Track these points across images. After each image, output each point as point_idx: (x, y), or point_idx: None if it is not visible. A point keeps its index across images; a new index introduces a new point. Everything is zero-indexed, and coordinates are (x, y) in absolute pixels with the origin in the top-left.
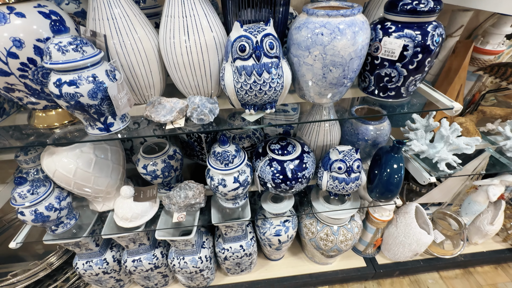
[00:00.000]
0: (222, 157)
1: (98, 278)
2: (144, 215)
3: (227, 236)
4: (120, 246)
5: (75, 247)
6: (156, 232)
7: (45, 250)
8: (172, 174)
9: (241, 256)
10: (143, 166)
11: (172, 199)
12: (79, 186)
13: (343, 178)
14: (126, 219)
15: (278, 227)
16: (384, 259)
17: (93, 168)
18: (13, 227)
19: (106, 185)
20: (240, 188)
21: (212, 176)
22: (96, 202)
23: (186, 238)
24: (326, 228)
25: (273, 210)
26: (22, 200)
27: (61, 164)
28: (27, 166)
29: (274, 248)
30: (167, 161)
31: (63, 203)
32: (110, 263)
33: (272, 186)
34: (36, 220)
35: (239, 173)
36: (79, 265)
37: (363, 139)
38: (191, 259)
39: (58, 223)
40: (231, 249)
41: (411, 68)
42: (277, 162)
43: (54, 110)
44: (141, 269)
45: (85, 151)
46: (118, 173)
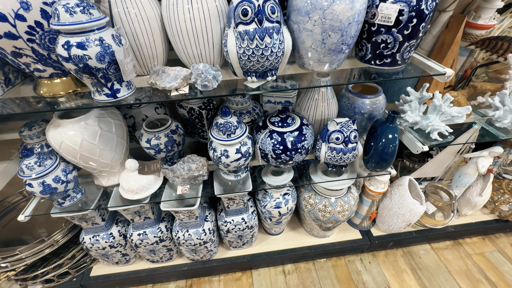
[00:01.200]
0: (225, 128)
1: (104, 252)
2: (149, 188)
3: (229, 209)
4: (125, 222)
5: (81, 221)
6: (161, 204)
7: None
8: (175, 149)
9: (243, 229)
10: (146, 140)
11: (175, 172)
12: (85, 159)
13: (341, 148)
14: (132, 191)
15: (278, 200)
16: (379, 231)
17: (98, 141)
18: (17, 209)
19: (111, 159)
20: (242, 159)
21: (215, 148)
22: (101, 177)
23: (190, 208)
24: (324, 200)
25: (273, 182)
26: (29, 172)
27: (67, 136)
28: (31, 142)
29: (275, 221)
30: (169, 135)
31: (69, 176)
32: (116, 237)
33: (272, 157)
34: (44, 191)
35: (241, 144)
36: (86, 239)
37: (359, 113)
38: (195, 231)
39: (65, 196)
40: (233, 221)
41: (406, 34)
42: (277, 134)
43: (60, 78)
44: (147, 242)
45: (90, 124)
46: (122, 147)
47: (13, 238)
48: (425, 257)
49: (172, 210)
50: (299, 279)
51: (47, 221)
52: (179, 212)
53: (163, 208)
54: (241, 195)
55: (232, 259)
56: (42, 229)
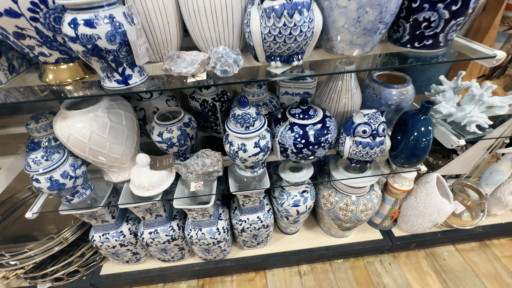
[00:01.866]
0: (243, 120)
1: (115, 250)
2: (161, 184)
3: (244, 207)
4: (136, 219)
5: (91, 219)
6: (174, 201)
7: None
8: (188, 143)
9: (258, 228)
10: (158, 134)
11: (189, 167)
12: (94, 153)
13: (368, 143)
14: (143, 188)
15: (296, 198)
16: (400, 232)
17: (108, 134)
18: (26, 205)
19: (121, 153)
20: (261, 153)
21: (231, 141)
22: (111, 173)
23: (204, 206)
24: (346, 198)
25: (292, 179)
26: (36, 166)
27: (76, 128)
28: (38, 135)
29: (292, 220)
30: (182, 128)
31: (78, 171)
32: (127, 235)
33: (293, 152)
34: (52, 187)
35: (259, 138)
36: (95, 237)
37: (386, 104)
38: (208, 230)
39: (73, 192)
40: (249, 220)
41: (454, 9)
42: (298, 127)
43: (67, 64)
44: (158, 241)
45: (100, 115)
46: (133, 141)
47: (23, 234)
48: (450, 259)
49: (186, 208)
50: (316, 281)
51: (56, 217)
52: (192, 210)
53: (176, 206)
54: (258, 193)
55: (246, 259)
56: (52, 225)
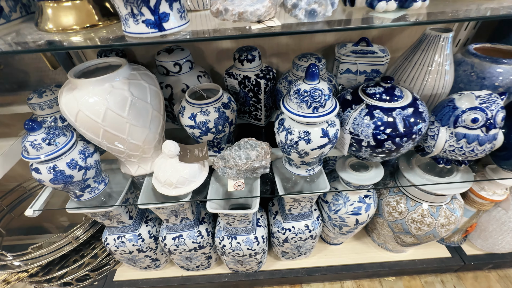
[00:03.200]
0: (311, 98)
1: (131, 256)
2: (192, 181)
3: (290, 213)
4: (156, 220)
5: (104, 219)
6: (207, 204)
7: (71, 222)
8: (225, 129)
9: (305, 238)
10: (190, 116)
11: (228, 161)
12: (109, 138)
13: (477, 136)
14: (170, 185)
15: (357, 204)
16: (473, 249)
17: (128, 112)
18: (34, 195)
19: (143, 139)
20: (328, 145)
21: (290, 128)
22: (129, 164)
23: (247, 212)
24: (421, 207)
25: (356, 181)
26: (36, 152)
27: (86, 104)
28: (42, 113)
29: (346, 230)
30: (221, 110)
31: (89, 161)
32: (146, 239)
33: (369, 145)
34: (56, 180)
35: (328, 124)
36: (109, 240)
37: (491, 86)
38: (245, 239)
39: (83, 187)
40: (294, 229)
41: None
42: (381, 111)
43: (72, 1)
44: (183, 248)
45: (118, 87)
46: (158, 124)
47: (31, 226)
48: None
49: (224, 213)
50: None
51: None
52: (229, 215)
53: (211, 209)
54: (311, 197)
55: (283, 272)
56: (63, 216)
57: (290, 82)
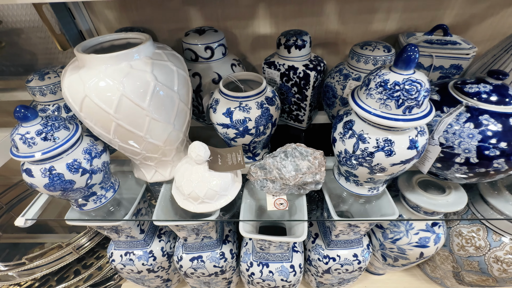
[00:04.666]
0: (405, 93)
1: (140, 276)
2: (223, 195)
3: (337, 239)
4: (171, 234)
5: (111, 232)
6: (241, 226)
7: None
8: (267, 131)
9: (352, 270)
10: (225, 112)
11: (271, 172)
12: (123, 135)
13: None
14: (196, 199)
15: (423, 234)
16: None
17: (149, 101)
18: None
19: (165, 138)
20: (414, 160)
21: (363, 134)
22: (145, 167)
23: (294, 239)
24: (508, 243)
25: (432, 206)
26: (28, 149)
27: (96, 86)
28: (43, 100)
29: (402, 263)
30: (264, 105)
31: (96, 163)
32: (158, 257)
33: (468, 162)
34: (52, 186)
35: (418, 132)
36: (115, 256)
37: None
38: (279, 268)
39: (87, 194)
40: (340, 258)
41: None
42: (491, 116)
43: None
44: (202, 272)
45: (138, 68)
46: (184, 120)
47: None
48: None
49: (263, 240)
50: None
51: None
52: (267, 241)
53: (245, 233)
54: (369, 223)
55: None
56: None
57: (347, 76)
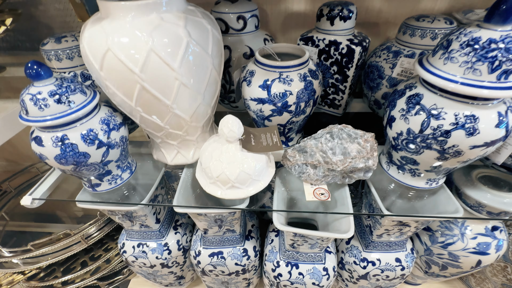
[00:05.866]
0: (503, 53)
1: (153, 271)
2: (256, 179)
3: (378, 240)
4: (188, 226)
5: (124, 220)
6: (274, 217)
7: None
8: (307, 110)
9: (393, 278)
10: (262, 84)
11: (312, 155)
12: (147, 102)
13: None
14: (225, 182)
15: (482, 238)
16: None
17: (181, 61)
18: None
19: (192, 111)
20: (498, 142)
21: (435, 109)
22: (166, 147)
23: (338, 236)
24: None
25: (501, 205)
26: (39, 112)
27: (121, 39)
28: (59, 65)
29: (451, 273)
30: (308, 78)
31: (114, 135)
32: (174, 251)
33: None
34: (64, 157)
35: (508, 107)
36: (127, 247)
37: None
38: (310, 270)
39: (102, 172)
40: (380, 263)
41: None
42: None
43: None
44: (222, 270)
45: (170, 21)
46: (214, 92)
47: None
48: None
49: (301, 235)
50: None
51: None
52: (303, 236)
53: (282, 226)
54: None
55: None
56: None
57: (397, 53)
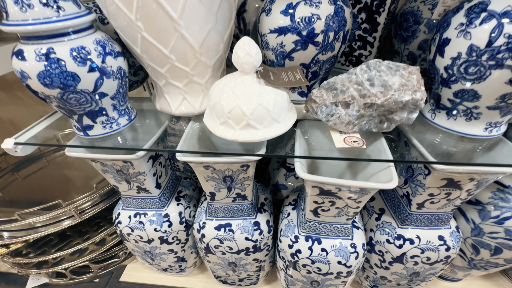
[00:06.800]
0: None
1: (150, 247)
2: (275, 119)
3: (418, 212)
4: (192, 200)
5: (120, 178)
6: (297, 165)
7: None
8: (335, 45)
9: (435, 260)
10: (285, 10)
11: (345, 91)
12: (149, 15)
13: None
14: (239, 119)
15: None
16: None
17: None
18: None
19: (203, 38)
20: None
21: (508, 13)
22: (170, 93)
23: (381, 186)
24: None
25: None
26: (21, 14)
27: None
28: None
29: (509, 258)
30: (338, 3)
31: (109, 61)
32: (175, 224)
33: None
34: (49, 76)
35: None
36: (122, 217)
37: None
38: (336, 246)
39: (95, 109)
40: (419, 241)
41: None
42: None
43: None
44: (230, 246)
45: None
46: (228, 20)
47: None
48: None
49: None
50: None
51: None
52: (325, 193)
53: (305, 174)
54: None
55: None
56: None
57: None
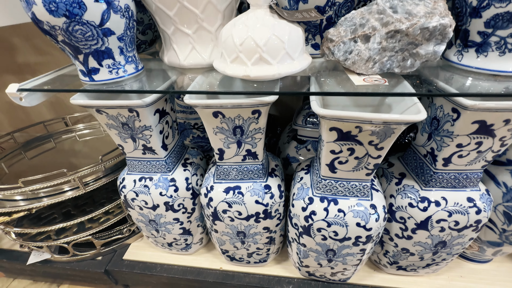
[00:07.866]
0: None
1: (155, 215)
2: (289, 55)
3: (444, 170)
4: (199, 169)
5: (125, 133)
6: (313, 102)
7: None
8: None
9: (464, 226)
10: None
11: (364, 24)
12: None
13: None
14: (251, 53)
15: None
16: None
17: None
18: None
19: None
20: None
21: None
22: (178, 43)
23: (409, 118)
24: None
25: None
26: None
27: None
28: None
29: None
30: None
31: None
32: (181, 189)
33: None
34: (53, 1)
35: None
36: (127, 181)
37: None
38: (354, 206)
39: (101, 49)
40: (446, 203)
41: None
42: None
43: None
44: (239, 211)
45: None
46: None
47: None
48: None
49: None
50: None
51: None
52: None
53: (321, 109)
54: None
55: None
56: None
57: None
